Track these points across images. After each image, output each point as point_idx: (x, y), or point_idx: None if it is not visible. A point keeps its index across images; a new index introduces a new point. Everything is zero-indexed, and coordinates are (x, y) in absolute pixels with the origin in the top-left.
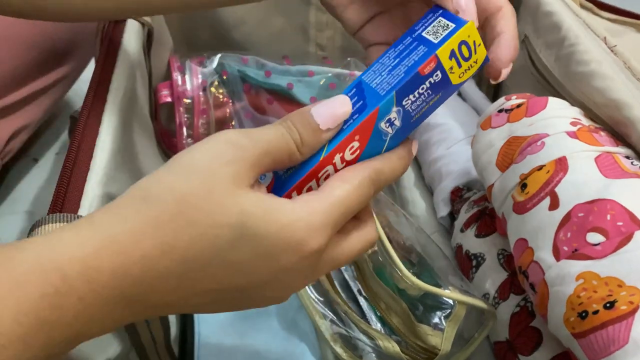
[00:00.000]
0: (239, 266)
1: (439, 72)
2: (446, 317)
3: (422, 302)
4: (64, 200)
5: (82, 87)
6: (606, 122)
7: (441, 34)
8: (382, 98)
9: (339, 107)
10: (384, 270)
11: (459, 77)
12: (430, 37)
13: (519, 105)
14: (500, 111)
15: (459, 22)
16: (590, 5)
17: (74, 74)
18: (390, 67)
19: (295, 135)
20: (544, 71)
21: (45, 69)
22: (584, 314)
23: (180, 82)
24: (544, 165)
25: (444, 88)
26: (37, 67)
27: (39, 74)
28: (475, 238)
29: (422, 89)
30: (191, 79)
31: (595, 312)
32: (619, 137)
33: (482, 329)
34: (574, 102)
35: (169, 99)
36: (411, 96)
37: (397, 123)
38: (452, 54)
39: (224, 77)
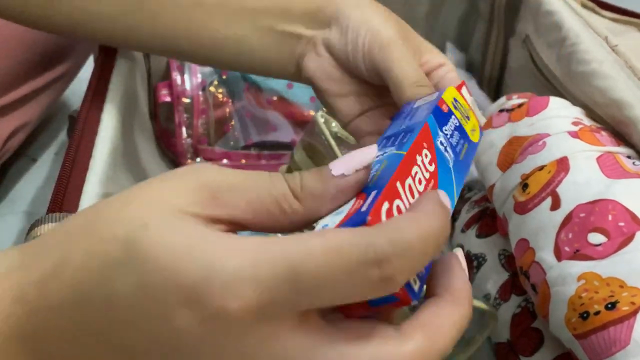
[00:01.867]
0: (118, 312)
1: (453, 116)
2: None
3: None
4: (63, 199)
5: (80, 86)
6: (607, 121)
7: (432, 97)
8: (425, 118)
9: (360, 152)
10: None
11: (471, 132)
12: (424, 103)
13: (520, 105)
14: (501, 111)
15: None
16: (591, 4)
17: (72, 71)
18: (409, 117)
19: (295, 180)
20: (545, 71)
21: (43, 67)
22: (585, 315)
23: (179, 82)
24: (546, 165)
25: (464, 136)
26: (35, 65)
27: (37, 72)
28: (476, 238)
29: (450, 125)
30: (190, 79)
31: (597, 313)
32: (621, 136)
33: (483, 330)
34: (575, 101)
35: (168, 99)
36: (445, 128)
37: (450, 151)
38: (454, 105)
39: (224, 77)
